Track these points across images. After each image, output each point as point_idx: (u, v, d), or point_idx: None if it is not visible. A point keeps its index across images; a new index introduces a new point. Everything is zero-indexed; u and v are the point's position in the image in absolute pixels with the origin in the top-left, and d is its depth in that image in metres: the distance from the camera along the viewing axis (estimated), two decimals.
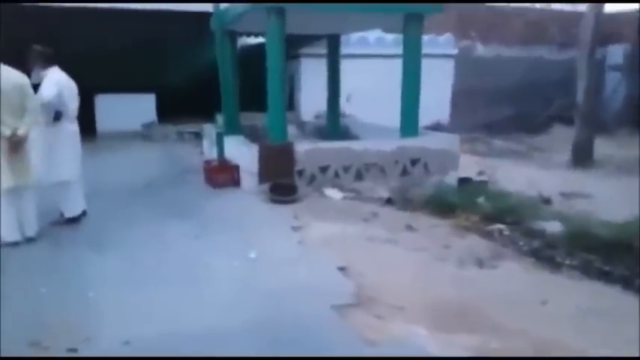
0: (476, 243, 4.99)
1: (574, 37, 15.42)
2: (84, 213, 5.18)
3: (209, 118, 11.59)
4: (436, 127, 14.42)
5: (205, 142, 9.63)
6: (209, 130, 9.36)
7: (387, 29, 9.68)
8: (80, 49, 11.25)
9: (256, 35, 12.58)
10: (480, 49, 14.74)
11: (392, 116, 12.59)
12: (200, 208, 5.75)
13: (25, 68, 4.56)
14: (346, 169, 6.50)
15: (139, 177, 7.45)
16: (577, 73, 9.43)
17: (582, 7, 15.58)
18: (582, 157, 9.81)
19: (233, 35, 8.64)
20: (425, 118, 14.12)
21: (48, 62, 4.87)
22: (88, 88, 5.24)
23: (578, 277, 4.26)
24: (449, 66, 14.63)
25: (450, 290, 3.74)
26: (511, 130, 14.49)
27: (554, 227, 5.43)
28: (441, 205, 6.09)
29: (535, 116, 15.27)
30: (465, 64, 14.43)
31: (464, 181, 7.11)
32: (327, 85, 9.60)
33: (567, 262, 4.62)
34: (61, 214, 5.05)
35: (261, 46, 13.59)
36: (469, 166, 8.15)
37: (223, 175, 6.68)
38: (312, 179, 6.39)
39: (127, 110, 12.15)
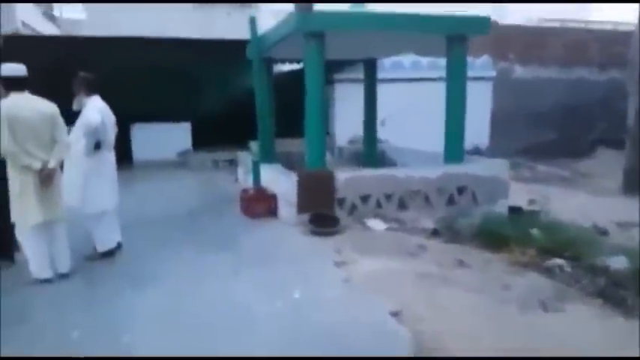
0: (536, 282, 4.56)
1: (615, 57, 14.92)
2: (119, 246, 5.01)
3: (243, 145, 11.54)
4: (475, 152, 14.00)
5: (240, 170, 9.48)
6: (244, 157, 9.23)
7: (425, 53, 9.42)
8: (115, 78, 11.43)
9: (291, 62, 12.58)
10: (519, 71, 14.32)
11: (427, 140, 12.28)
12: (238, 240, 5.51)
13: (54, 98, 4.45)
14: (389, 197, 6.18)
15: (175, 206, 7.31)
16: (620, 94, 8.93)
17: (625, 27, 15.07)
18: (634, 183, 9.22)
19: (269, 62, 8.54)
20: (465, 142, 13.90)
21: (91, 90, 4.79)
22: (124, 117, 5.14)
23: None
24: (487, 89, 14.26)
25: (516, 339, 3.34)
26: (553, 154, 13.95)
27: (619, 263, 4.97)
28: (493, 238, 5.70)
29: (578, 140, 14.70)
30: (503, 86, 14.04)
31: (514, 211, 6.70)
32: (364, 110, 9.37)
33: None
34: (94, 248, 4.88)
35: (294, 72, 13.64)
36: (516, 194, 7.72)
37: (261, 204, 6.45)
38: (353, 209, 6.09)
39: (163, 139, 12.25)
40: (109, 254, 4.86)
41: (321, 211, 5.81)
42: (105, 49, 10.18)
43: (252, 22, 7.69)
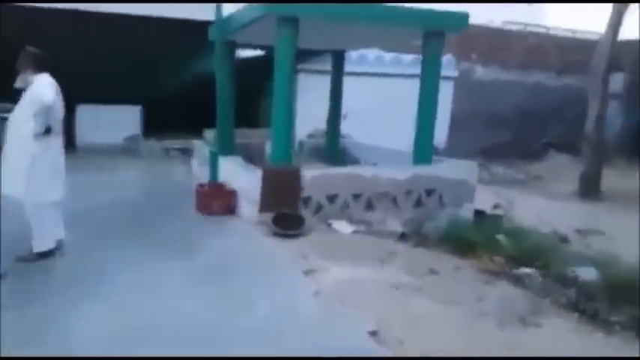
0: (508, 292, 4.42)
1: (572, 64, 15.33)
2: (59, 246, 4.42)
3: (197, 133, 10.96)
4: (434, 152, 14.02)
5: (195, 161, 8.93)
6: (200, 147, 8.68)
7: (396, 48, 9.21)
8: (60, 54, 10.51)
9: (255, 48, 12.03)
10: (480, 72, 14.42)
11: (389, 137, 12.11)
12: (195, 242, 5.03)
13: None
14: (356, 198, 5.88)
15: (122, 200, 6.71)
16: (574, 100, 9.10)
17: (582, 35, 15.50)
18: (589, 189, 9.43)
19: (232, 47, 8.00)
20: None
21: (39, 67, 4.20)
22: (68, 96, 4.57)
23: (633, 339, 3.74)
24: (448, 88, 14.24)
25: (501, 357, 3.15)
26: (507, 156, 14.17)
27: (589, 274, 4.92)
28: (460, 243, 5.55)
29: (530, 143, 15.02)
30: (464, 86, 14.08)
31: (479, 215, 6.58)
32: (330, 104, 9.04)
33: (615, 318, 4.10)
34: (31, 248, 4.27)
35: (256, 59, 13.11)
36: (478, 196, 7.65)
37: (218, 201, 5.99)
38: (319, 209, 5.76)
39: (110, 122, 11.42)
40: (47, 255, 4.27)
41: (285, 211, 5.44)
42: (45, 20, 9.27)
43: (218, 4, 7.14)
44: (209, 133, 11.03)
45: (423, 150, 6.48)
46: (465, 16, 6.24)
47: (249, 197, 5.70)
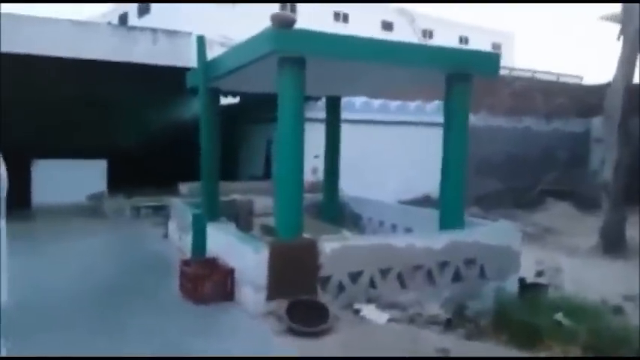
0: None
1: (558, 107, 15.00)
2: None
3: (171, 187, 9.73)
4: (426, 201, 13.08)
5: (172, 225, 7.61)
6: (179, 208, 7.40)
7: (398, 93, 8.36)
8: (14, 103, 9.26)
9: (227, 95, 11.05)
10: (471, 119, 13.79)
11: (383, 188, 11.12)
12: (181, 346, 3.74)
13: None
14: (384, 273, 4.73)
15: (84, 279, 5.35)
16: (563, 144, 8.42)
17: (566, 78, 15.28)
18: (613, 243, 8.57)
19: (215, 94, 6.93)
20: (414, 189, 12.96)
21: None
22: (23, 151, 3.41)
23: None
24: (438, 135, 13.53)
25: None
26: (503, 204, 13.41)
27: None
28: (520, 330, 4.48)
29: (525, 190, 14.35)
30: None
31: (526, 288, 5.54)
32: (325, 155, 8.00)
33: None
34: None
35: (229, 107, 12.12)
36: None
37: (210, 283, 4.70)
38: (341, 290, 4.57)
39: (71, 179, 10.05)
40: None
41: (302, 297, 4.23)
42: (3, 67, 8.08)
43: (200, 42, 6.11)
44: (184, 187, 9.81)
45: (453, 211, 5.45)
46: (495, 58, 5.41)
47: (251, 279, 4.46)
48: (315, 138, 7.44)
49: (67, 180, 10.12)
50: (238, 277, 4.69)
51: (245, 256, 4.57)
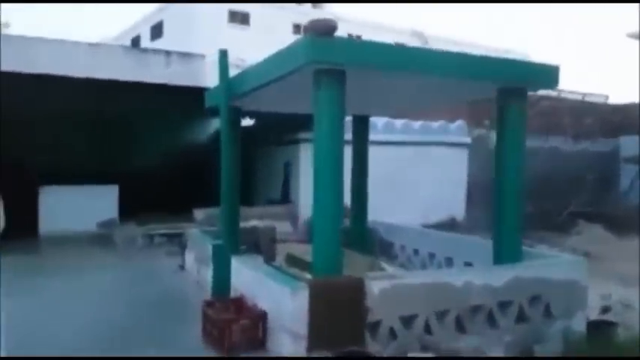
0: None
1: (586, 127, 14.39)
2: None
3: (186, 213, 9.25)
4: (452, 224, 12.43)
5: (189, 255, 7.01)
6: (197, 238, 6.82)
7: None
8: (21, 126, 8.82)
9: (251, 117, 10.60)
10: (494, 139, 13.22)
11: (402, 211, 10.47)
12: None
13: None
14: (440, 317, 4.09)
15: (93, 324, 4.74)
16: (592, 165, 7.77)
17: (592, 98, 14.71)
18: None
19: (237, 113, 6.41)
20: (438, 212, 12.30)
21: None
22: (30, 177, 2.90)
23: None
24: (463, 156, 12.98)
25: None
26: (532, 227, 12.70)
27: None
28: None
29: (555, 213, 13.64)
30: (479, 154, 12.80)
31: (594, 327, 4.84)
32: (352, 177, 7.38)
33: None
34: None
35: (244, 129, 11.66)
36: None
37: (239, 328, 4.08)
38: (392, 337, 3.92)
39: (81, 206, 9.57)
40: None
41: (351, 348, 3.59)
42: (12, 87, 7.65)
43: (223, 56, 5.61)
44: (200, 213, 9.30)
45: (510, 241, 4.82)
46: (555, 70, 4.84)
47: (287, 325, 3.83)
48: None
49: (77, 206, 9.68)
50: (271, 322, 4.07)
51: (279, 297, 3.94)
